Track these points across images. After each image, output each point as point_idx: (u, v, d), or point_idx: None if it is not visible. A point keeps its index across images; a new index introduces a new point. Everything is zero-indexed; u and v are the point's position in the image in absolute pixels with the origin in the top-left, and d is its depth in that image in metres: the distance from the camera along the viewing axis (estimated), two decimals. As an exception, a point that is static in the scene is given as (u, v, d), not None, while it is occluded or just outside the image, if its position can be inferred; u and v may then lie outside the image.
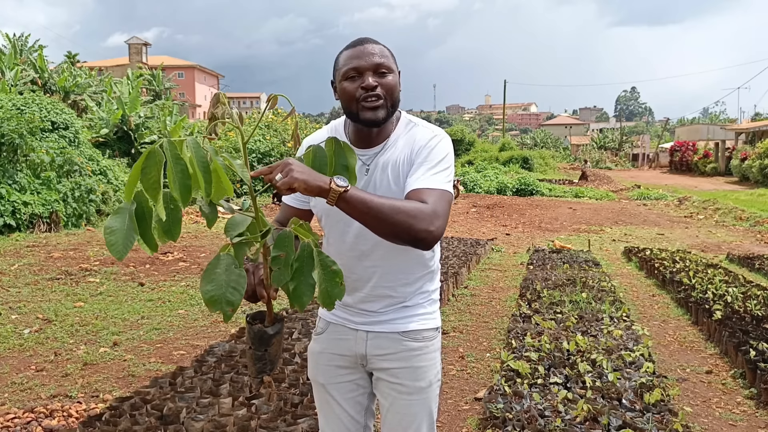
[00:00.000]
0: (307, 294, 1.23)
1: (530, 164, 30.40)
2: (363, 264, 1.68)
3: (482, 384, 4.01)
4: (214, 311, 1.18)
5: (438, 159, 1.60)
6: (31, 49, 23.86)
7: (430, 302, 1.76)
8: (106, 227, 1.13)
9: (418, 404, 1.70)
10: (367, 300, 1.70)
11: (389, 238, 1.47)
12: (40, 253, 8.43)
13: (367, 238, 1.62)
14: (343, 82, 1.61)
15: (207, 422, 2.93)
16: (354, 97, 1.59)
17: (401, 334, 1.70)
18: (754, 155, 24.58)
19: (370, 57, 1.59)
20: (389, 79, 1.60)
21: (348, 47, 1.63)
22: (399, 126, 1.69)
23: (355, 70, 1.58)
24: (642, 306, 6.22)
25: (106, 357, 4.43)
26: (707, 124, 45.04)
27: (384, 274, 1.68)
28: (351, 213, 1.41)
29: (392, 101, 1.61)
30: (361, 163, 1.65)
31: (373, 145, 1.66)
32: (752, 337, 4.48)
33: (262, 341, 1.40)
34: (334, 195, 1.36)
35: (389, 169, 1.64)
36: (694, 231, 12.25)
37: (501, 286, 7.04)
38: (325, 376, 1.76)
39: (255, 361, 1.40)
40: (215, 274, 1.19)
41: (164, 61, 48.41)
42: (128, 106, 16.75)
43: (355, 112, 1.60)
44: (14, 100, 12.22)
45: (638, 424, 2.98)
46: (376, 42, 1.64)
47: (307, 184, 1.32)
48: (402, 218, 1.42)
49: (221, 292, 1.18)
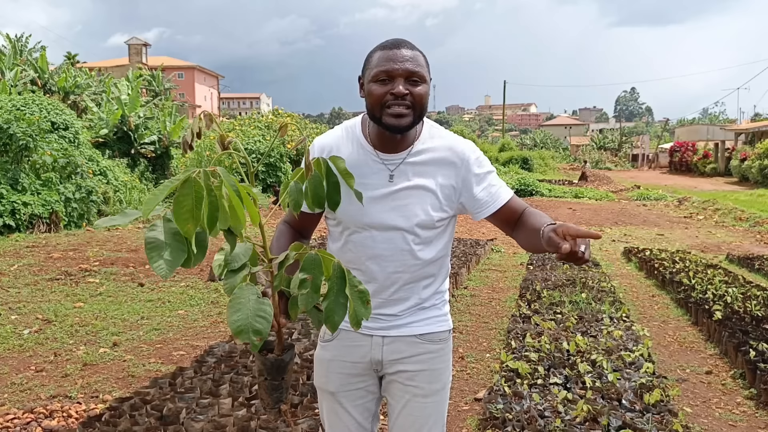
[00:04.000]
0: (339, 313, 1.23)
1: (530, 165, 30.42)
2: (386, 270, 1.63)
3: (482, 384, 4.01)
4: (242, 341, 1.19)
5: (489, 165, 1.69)
6: (31, 50, 23.85)
7: (443, 303, 1.74)
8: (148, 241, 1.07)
9: (432, 406, 1.68)
10: (386, 305, 1.66)
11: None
12: (39, 253, 8.43)
13: (390, 240, 1.60)
14: (372, 83, 1.54)
15: (207, 422, 2.93)
16: (381, 101, 1.53)
17: (419, 337, 1.67)
18: (753, 156, 24.58)
19: (404, 63, 1.52)
20: (420, 88, 1.54)
21: (383, 47, 1.56)
22: (424, 132, 1.64)
23: (387, 73, 1.52)
24: (642, 306, 6.22)
25: (106, 357, 4.43)
26: (707, 125, 45.02)
27: (408, 279, 1.65)
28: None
29: (420, 111, 1.56)
30: (385, 167, 1.60)
31: (398, 150, 1.61)
32: (752, 337, 4.48)
33: (279, 370, 1.38)
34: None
35: (420, 175, 1.60)
36: (694, 231, 12.25)
37: (501, 287, 7.04)
38: (335, 385, 1.70)
39: (272, 391, 1.38)
40: (240, 304, 1.19)
41: (164, 62, 48.41)
42: (128, 107, 16.75)
43: (379, 116, 1.55)
44: (14, 101, 12.22)
45: (638, 425, 2.98)
46: (413, 47, 1.56)
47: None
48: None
49: (248, 321, 1.17)
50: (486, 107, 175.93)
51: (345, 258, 1.66)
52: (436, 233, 1.65)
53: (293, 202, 1.33)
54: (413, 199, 1.60)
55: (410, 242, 1.62)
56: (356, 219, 1.61)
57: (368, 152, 1.62)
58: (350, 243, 1.65)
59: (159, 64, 42.60)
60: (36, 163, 10.69)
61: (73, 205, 11.11)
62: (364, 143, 1.63)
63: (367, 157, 1.61)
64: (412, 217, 1.60)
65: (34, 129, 10.51)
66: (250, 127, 18.41)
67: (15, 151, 10.39)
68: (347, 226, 1.64)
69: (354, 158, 1.60)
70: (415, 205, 1.60)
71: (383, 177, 1.60)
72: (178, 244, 1.08)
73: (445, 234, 1.69)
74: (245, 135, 17.54)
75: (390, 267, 1.63)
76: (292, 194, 1.33)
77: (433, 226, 1.63)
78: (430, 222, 1.62)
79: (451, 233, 1.72)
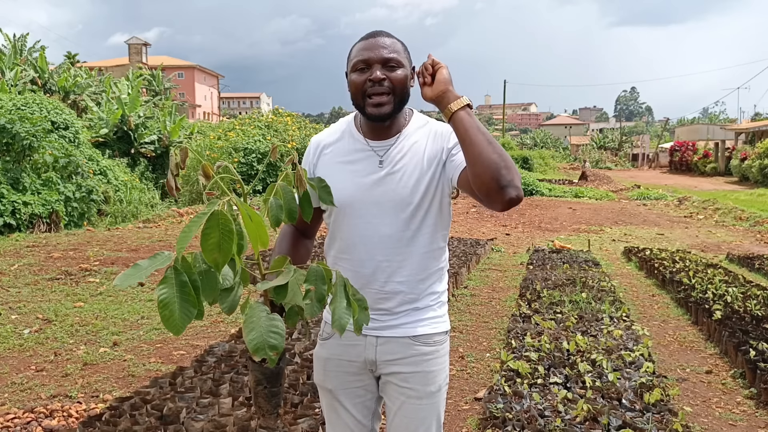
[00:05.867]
0: (344, 318, 1.29)
1: (530, 164, 30.41)
2: (375, 258, 1.64)
3: (482, 384, 4.01)
4: (259, 358, 1.23)
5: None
6: (31, 49, 23.86)
7: (440, 304, 1.73)
8: (160, 301, 1.11)
9: (428, 408, 1.68)
10: (379, 298, 1.66)
11: (492, 174, 1.43)
12: (40, 253, 8.43)
13: (378, 230, 1.62)
14: (352, 73, 1.61)
15: (207, 422, 2.93)
16: (361, 89, 1.59)
17: (412, 339, 1.67)
18: (753, 155, 24.57)
19: (380, 50, 1.58)
20: (398, 73, 1.59)
21: (361, 39, 1.63)
22: (413, 121, 1.69)
23: (364, 62, 1.58)
24: (642, 306, 6.22)
25: (106, 357, 4.43)
26: (707, 124, 45.02)
27: (397, 268, 1.65)
28: (467, 128, 1.47)
29: (401, 96, 1.60)
30: (374, 153, 1.65)
31: (387, 137, 1.66)
32: (752, 337, 4.48)
33: (278, 377, 1.40)
34: (465, 101, 1.49)
35: (407, 158, 1.64)
36: (694, 231, 12.25)
37: (501, 286, 7.04)
38: (333, 383, 1.72)
39: (270, 398, 1.40)
40: (253, 323, 1.23)
41: (164, 62, 48.44)
42: (128, 107, 16.76)
43: (362, 105, 1.61)
44: (14, 100, 12.22)
45: (638, 424, 2.98)
46: (389, 35, 1.63)
47: (447, 76, 1.52)
48: (506, 156, 1.46)
49: (263, 339, 1.22)
50: (486, 107, 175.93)
51: (336, 247, 1.71)
52: (426, 215, 1.64)
53: (273, 218, 1.37)
54: (402, 183, 1.62)
55: (399, 227, 1.63)
56: (348, 207, 1.64)
57: (358, 141, 1.68)
58: (340, 231, 1.68)
59: (159, 63, 42.62)
60: (37, 162, 10.70)
61: (74, 204, 11.12)
62: (355, 133, 1.70)
63: (358, 146, 1.68)
64: (402, 198, 1.62)
65: (38, 129, 10.53)
66: (251, 127, 18.41)
67: (17, 151, 10.41)
68: (338, 215, 1.67)
69: (346, 148, 1.69)
70: (404, 188, 1.62)
71: (373, 163, 1.64)
72: (184, 301, 1.12)
73: (436, 222, 1.67)
74: (245, 135, 17.54)
75: (379, 254, 1.64)
76: (273, 210, 1.38)
77: (423, 206, 1.63)
78: (419, 202, 1.62)
79: (443, 223, 1.70)
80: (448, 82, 1.51)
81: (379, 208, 1.63)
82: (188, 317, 1.12)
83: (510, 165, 1.44)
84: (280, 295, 1.30)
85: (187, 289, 1.12)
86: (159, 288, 1.11)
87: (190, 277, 1.13)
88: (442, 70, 1.52)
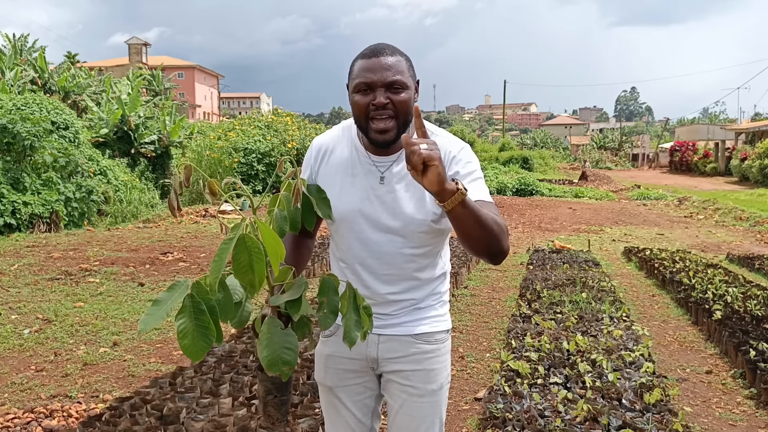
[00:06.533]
0: (355, 333, 1.31)
1: (530, 164, 30.42)
2: (376, 272, 1.64)
3: (482, 384, 4.01)
4: (273, 373, 1.25)
5: (476, 170, 1.61)
6: (30, 49, 23.86)
7: (441, 304, 1.73)
8: (179, 331, 1.12)
9: (429, 406, 1.68)
10: (379, 305, 1.65)
11: (482, 250, 1.46)
12: (40, 253, 8.43)
13: (380, 243, 1.61)
14: (354, 94, 1.55)
15: (207, 422, 2.93)
16: (365, 112, 1.53)
17: (413, 337, 1.67)
18: (753, 155, 24.57)
19: (384, 72, 1.51)
20: (402, 96, 1.52)
21: (363, 56, 1.55)
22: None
23: (367, 85, 1.52)
24: (642, 306, 6.22)
25: (106, 357, 4.43)
26: (707, 124, 44.97)
27: (398, 280, 1.64)
28: (462, 220, 1.39)
29: (404, 118, 1.54)
30: (376, 169, 1.61)
31: (389, 153, 1.61)
32: (752, 337, 4.48)
33: (287, 386, 1.41)
34: (460, 197, 1.34)
35: (409, 176, 1.56)
36: (694, 231, 12.24)
37: (501, 286, 7.04)
38: (333, 380, 1.72)
39: (280, 406, 1.41)
40: (268, 339, 1.25)
41: (164, 61, 48.45)
42: (128, 107, 16.76)
43: (366, 128, 1.55)
44: (15, 100, 12.22)
45: (638, 424, 2.98)
46: (393, 53, 1.54)
47: (441, 174, 1.30)
48: (498, 231, 1.44)
49: (277, 355, 1.24)
50: (486, 107, 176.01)
51: (338, 255, 1.71)
52: (427, 234, 1.62)
53: (278, 230, 1.37)
54: (404, 201, 1.59)
55: (402, 244, 1.61)
56: (348, 222, 1.62)
57: (361, 153, 1.64)
58: (344, 245, 1.67)
59: (159, 63, 42.62)
60: (37, 162, 10.70)
61: (74, 204, 11.12)
62: (357, 144, 1.65)
63: (360, 159, 1.64)
64: (404, 217, 1.59)
65: (39, 129, 10.53)
66: (251, 127, 18.41)
67: (18, 151, 10.41)
68: (340, 229, 1.65)
69: (347, 158, 1.65)
70: (406, 206, 1.59)
71: (374, 179, 1.61)
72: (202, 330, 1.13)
73: (438, 236, 1.66)
74: (245, 135, 17.54)
75: (379, 268, 1.63)
76: (278, 221, 1.39)
77: (425, 225, 1.60)
78: (421, 221, 1.59)
79: (444, 237, 1.68)
80: (442, 181, 1.32)
81: (379, 224, 1.61)
82: (207, 344, 1.13)
83: (499, 235, 1.44)
84: (294, 309, 1.30)
85: (204, 318, 1.13)
86: (177, 318, 1.13)
87: (207, 304, 1.14)
88: (435, 169, 1.30)
